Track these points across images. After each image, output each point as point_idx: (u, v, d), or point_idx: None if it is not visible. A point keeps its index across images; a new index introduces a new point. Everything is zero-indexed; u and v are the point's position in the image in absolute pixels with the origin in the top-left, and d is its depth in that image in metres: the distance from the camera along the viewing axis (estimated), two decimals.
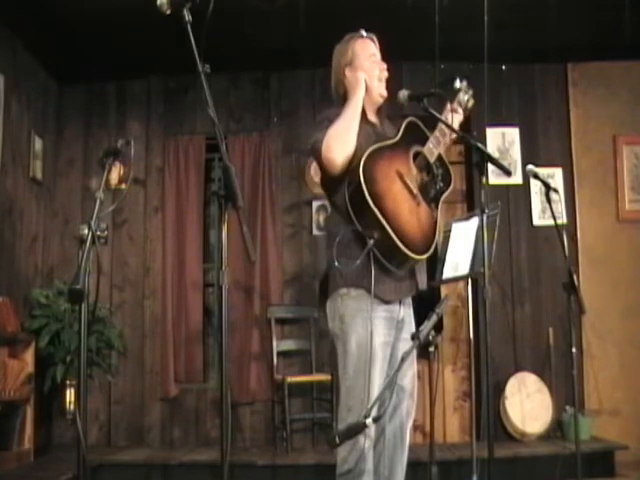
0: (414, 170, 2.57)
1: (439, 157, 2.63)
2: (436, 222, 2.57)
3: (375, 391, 2.41)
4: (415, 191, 2.52)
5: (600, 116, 5.23)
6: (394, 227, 2.38)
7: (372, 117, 2.70)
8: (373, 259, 2.39)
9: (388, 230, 2.36)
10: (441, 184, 2.61)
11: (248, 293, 5.07)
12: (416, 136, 2.64)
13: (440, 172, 2.61)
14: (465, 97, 2.79)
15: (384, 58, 2.72)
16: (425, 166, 2.60)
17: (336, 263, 2.42)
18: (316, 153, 2.50)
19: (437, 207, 2.60)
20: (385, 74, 2.68)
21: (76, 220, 5.25)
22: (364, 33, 2.70)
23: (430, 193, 2.58)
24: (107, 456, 4.46)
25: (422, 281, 2.65)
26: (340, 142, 2.45)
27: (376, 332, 2.46)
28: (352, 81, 2.60)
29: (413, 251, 2.42)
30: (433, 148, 2.60)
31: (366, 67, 2.63)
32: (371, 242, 2.36)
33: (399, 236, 2.38)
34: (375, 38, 2.71)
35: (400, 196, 2.48)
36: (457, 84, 2.80)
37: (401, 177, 2.50)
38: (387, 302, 2.51)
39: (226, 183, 1.84)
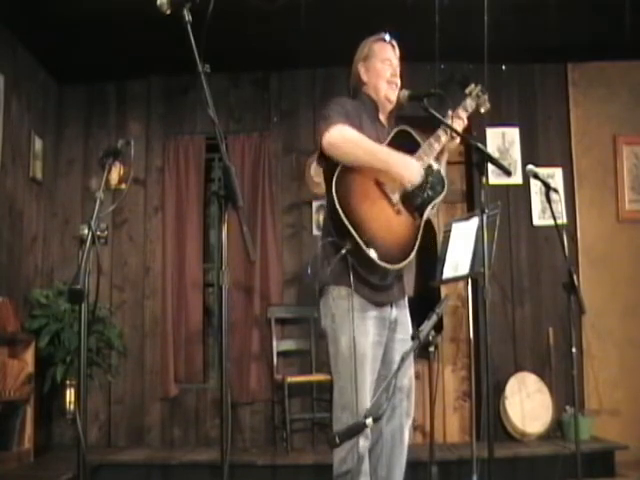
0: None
1: (431, 166, 2.61)
2: (418, 231, 2.55)
3: (366, 390, 2.42)
4: (395, 200, 2.51)
5: (600, 116, 5.23)
6: (365, 237, 2.37)
7: (383, 119, 2.72)
8: (351, 268, 2.39)
9: (358, 240, 2.36)
10: (429, 192, 2.59)
11: (248, 293, 5.07)
12: (406, 145, 2.61)
13: (430, 180, 2.60)
14: (472, 103, 2.77)
15: (401, 66, 2.72)
16: None
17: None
18: (322, 132, 2.46)
19: (422, 215, 2.58)
20: (397, 80, 2.68)
21: (76, 220, 5.25)
22: (387, 37, 2.72)
23: (415, 201, 2.57)
24: (107, 456, 4.45)
25: (409, 286, 2.65)
26: (346, 152, 2.44)
27: (367, 332, 2.47)
28: (395, 160, 2.50)
29: (386, 261, 2.42)
30: (424, 156, 2.58)
31: (378, 67, 2.67)
32: (342, 252, 2.36)
33: (371, 246, 2.37)
34: (396, 44, 2.72)
35: (376, 205, 2.47)
36: (468, 89, 2.78)
37: (379, 185, 2.50)
38: (378, 304, 2.53)
39: (226, 183, 1.84)
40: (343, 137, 2.45)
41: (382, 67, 2.67)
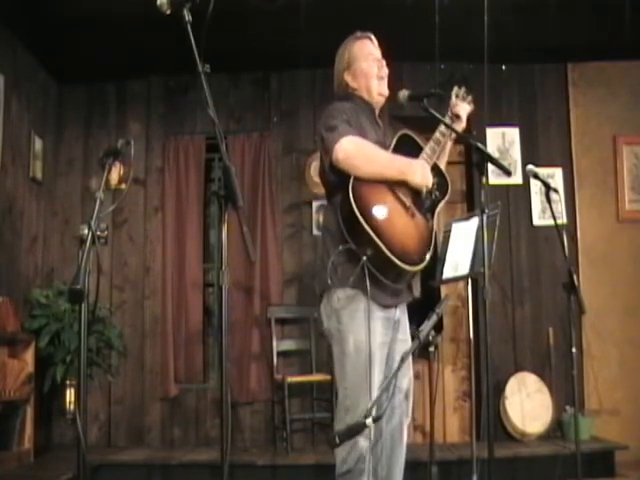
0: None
1: (435, 166, 2.62)
2: (432, 232, 2.57)
3: (375, 391, 2.41)
4: (408, 203, 2.51)
5: (600, 116, 5.23)
6: (386, 242, 2.36)
7: (378, 118, 2.71)
8: (368, 274, 2.37)
9: (380, 246, 2.35)
10: (437, 193, 2.62)
11: (248, 293, 5.07)
12: (410, 148, 2.62)
13: (436, 181, 2.61)
14: (459, 102, 2.77)
15: (383, 56, 2.71)
16: None
17: (329, 282, 2.43)
18: (332, 145, 2.44)
19: (433, 217, 2.60)
20: (385, 71, 2.68)
21: (76, 220, 5.25)
22: (359, 34, 2.70)
23: (425, 203, 2.58)
24: (107, 456, 4.45)
25: (417, 288, 2.66)
26: (360, 166, 2.43)
27: (375, 332, 2.47)
28: (408, 167, 2.53)
29: (408, 264, 2.42)
30: (428, 158, 2.59)
31: (364, 68, 2.64)
32: (364, 259, 2.35)
33: (392, 250, 2.37)
34: (372, 36, 2.71)
35: (392, 210, 2.47)
36: (454, 91, 2.79)
37: (393, 190, 2.50)
38: (385, 306, 2.52)
39: (226, 183, 1.84)
40: (356, 150, 2.44)
41: (368, 65, 2.64)
